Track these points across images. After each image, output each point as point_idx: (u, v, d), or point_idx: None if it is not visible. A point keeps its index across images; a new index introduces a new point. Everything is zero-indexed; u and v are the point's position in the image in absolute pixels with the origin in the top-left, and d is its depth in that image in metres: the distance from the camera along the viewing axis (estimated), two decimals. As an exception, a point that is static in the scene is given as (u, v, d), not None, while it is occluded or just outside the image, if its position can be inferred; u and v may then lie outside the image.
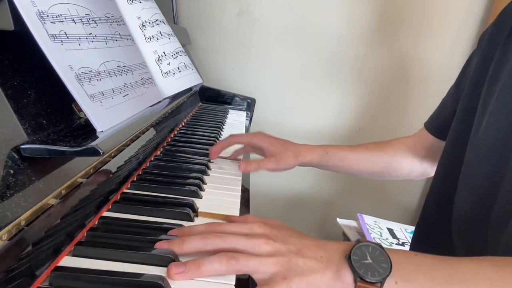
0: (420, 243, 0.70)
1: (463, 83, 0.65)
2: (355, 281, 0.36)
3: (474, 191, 0.55)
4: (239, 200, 0.59)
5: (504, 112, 0.51)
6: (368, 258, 0.37)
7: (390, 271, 0.36)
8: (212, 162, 0.73)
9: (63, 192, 0.40)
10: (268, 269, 0.38)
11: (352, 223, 1.24)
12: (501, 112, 0.52)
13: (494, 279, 0.36)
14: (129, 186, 0.56)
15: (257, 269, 0.38)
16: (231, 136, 0.72)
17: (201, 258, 0.38)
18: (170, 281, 0.37)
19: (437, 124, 0.72)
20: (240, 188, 0.63)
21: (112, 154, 0.51)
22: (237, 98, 1.28)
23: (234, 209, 0.56)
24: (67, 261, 0.39)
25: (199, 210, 0.53)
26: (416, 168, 0.78)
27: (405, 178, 0.80)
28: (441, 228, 0.62)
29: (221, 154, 0.74)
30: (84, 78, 0.46)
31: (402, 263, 0.37)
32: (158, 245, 0.41)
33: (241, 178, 0.68)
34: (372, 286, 0.36)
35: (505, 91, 0.51)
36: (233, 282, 0.39)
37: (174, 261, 0.39)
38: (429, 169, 0.78)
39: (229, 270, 0.38)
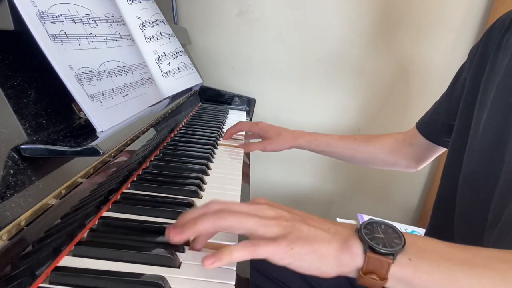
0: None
1: (455, 93, 0.69)
2: (365, 252, 0.34)
3: (473, 195, 0.57)
4: (239, 200, 0.59)
5: (496, 118, 0.53)
6: (380, 233, 0.36)
7: (404, 246, 0.34)
8: (212, 162, 0.73)
9: (63, 192, 0.40)
10: (269, 230, 0.36)
11: (352, 223, 1.24)
12: (494, 118, 0.54)
13: (502, 267, 0.33)
14: (129, 186, 0.56)
15: (258, 228, 0.36)
16: (239, 122, 0.88)
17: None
18: (170, 281, 0.37)
19: (429, 128, 0.76)
20: (240, 188, 0.63)
21: (112, 154, 0.51)
22: (237, 98, 1.28)
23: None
24: (67, 261, 0.39)
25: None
26: (400, 162, 0.84)
27: (391, 169, 0.87)
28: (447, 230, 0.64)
29: (229, 142, 0.88)
30: (84, 78, 0.46)
31: (416, 242, 0.36)
32: (170, 231, 0.38)
33: (241, 178, 0.68)
34: (384, 258, 0.33)
35: (496, 101, 0.54)
36: (233, 282, 0.39)
37: (174, 260, 0.39)
38: (414, 164, 0.83)
39: (227, 224, 0.37)
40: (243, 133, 0.95)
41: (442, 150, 0.77)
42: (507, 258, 0.34)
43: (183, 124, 0.94)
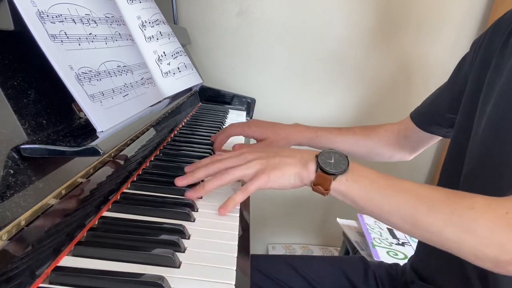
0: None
1: (456, 86, 0.68)
2: (316, 170, 0.49)
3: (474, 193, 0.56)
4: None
5: (499, 116, 0.53)
6: (332, 159, 0.49)
7: (346, 170, 0.48)
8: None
9: (63, 192, 0.40)
10: (252, 170, 0.50)
11: (352, 223, 1.24)
12: (497, 116, 0.53)
13: (422, 195, 0.44)
14: (129, 186, 0.56)
15: (244, 173, 0.51)
16: (226, 130, 0.78)
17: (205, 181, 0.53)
18: (170, 281, 0.37)
19: (426, 120, 0.76)
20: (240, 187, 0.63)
21: (112, 154, 0.51)
22: (237, 98, 1.28)
23: (234, 208, 0.56)
24: (67, 261, 0.39)
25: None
26: (395, 154, 0.86)
27: (386, 161, 0.89)
28: None
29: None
30: (84, 78, 0.46)
31: (357, 170, 0.49)
32: (178, 180, 0.54)
33: (241, 178, 0.68)
34: (328, 176, 0.48)
35: (501, 96, 0.53)
36: (233, 282, 0.39)
37: (174, 260, 0.40)
38: (407, 155, 0.86)
39: (226, 181, 0.51)
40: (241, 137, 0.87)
41: (437, 139, 0.78)
42: (415, 189, 0.45)
43: (183, 124, 0.94)
